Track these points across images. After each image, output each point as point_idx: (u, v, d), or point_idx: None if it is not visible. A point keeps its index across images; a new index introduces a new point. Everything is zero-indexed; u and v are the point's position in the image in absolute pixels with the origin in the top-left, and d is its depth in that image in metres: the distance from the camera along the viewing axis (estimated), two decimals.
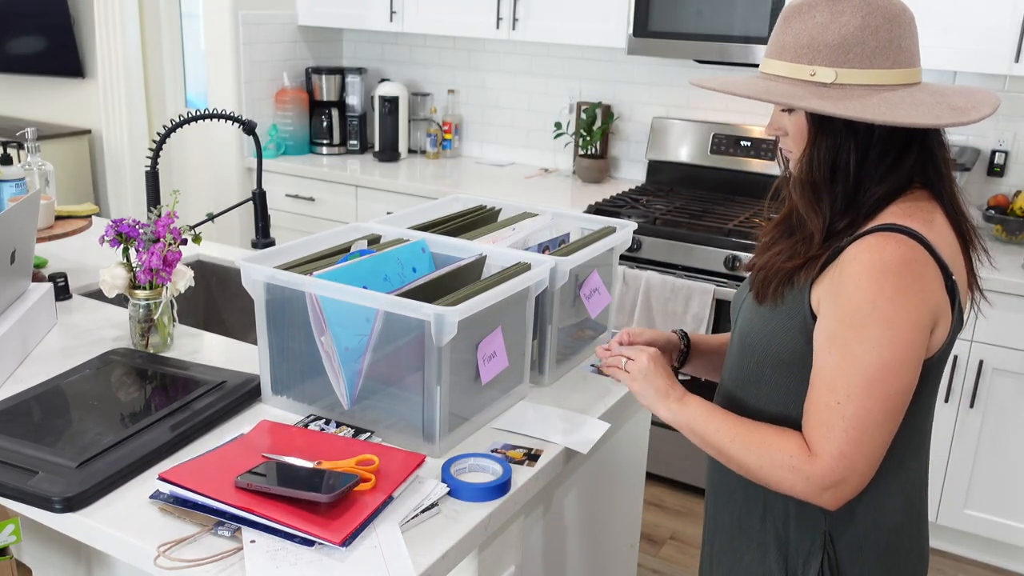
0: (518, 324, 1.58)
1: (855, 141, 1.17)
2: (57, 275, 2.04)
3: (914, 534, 1.29)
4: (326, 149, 4.09)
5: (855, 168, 1.18)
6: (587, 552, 1.79)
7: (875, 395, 1.11)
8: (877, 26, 1.13)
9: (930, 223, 1.16)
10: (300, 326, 1.49)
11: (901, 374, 1.12)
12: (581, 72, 3.78)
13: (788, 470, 1.16)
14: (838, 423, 1.13)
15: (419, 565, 1.17)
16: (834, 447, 1.13)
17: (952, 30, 2.75)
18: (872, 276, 1.11)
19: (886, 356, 1.11)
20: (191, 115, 2.10)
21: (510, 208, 1.98)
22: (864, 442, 1.13)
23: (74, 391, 1.57)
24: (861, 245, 1.14)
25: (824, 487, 1.14)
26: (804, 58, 1.16)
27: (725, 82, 1.22)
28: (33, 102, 5.12)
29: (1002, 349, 2.65)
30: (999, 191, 3.09)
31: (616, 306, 2.74)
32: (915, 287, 1.11)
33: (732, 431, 1.23)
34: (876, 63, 1.14)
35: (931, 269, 1.13)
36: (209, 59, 3.91)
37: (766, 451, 1.19)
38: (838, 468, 1.13)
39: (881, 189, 1.18)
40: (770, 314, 1.24)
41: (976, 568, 2.88)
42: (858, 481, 1.14)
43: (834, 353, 1.14)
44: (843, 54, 1.14)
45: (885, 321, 1.10)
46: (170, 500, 1.26)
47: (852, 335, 1.12)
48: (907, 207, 1.17)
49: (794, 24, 1.17)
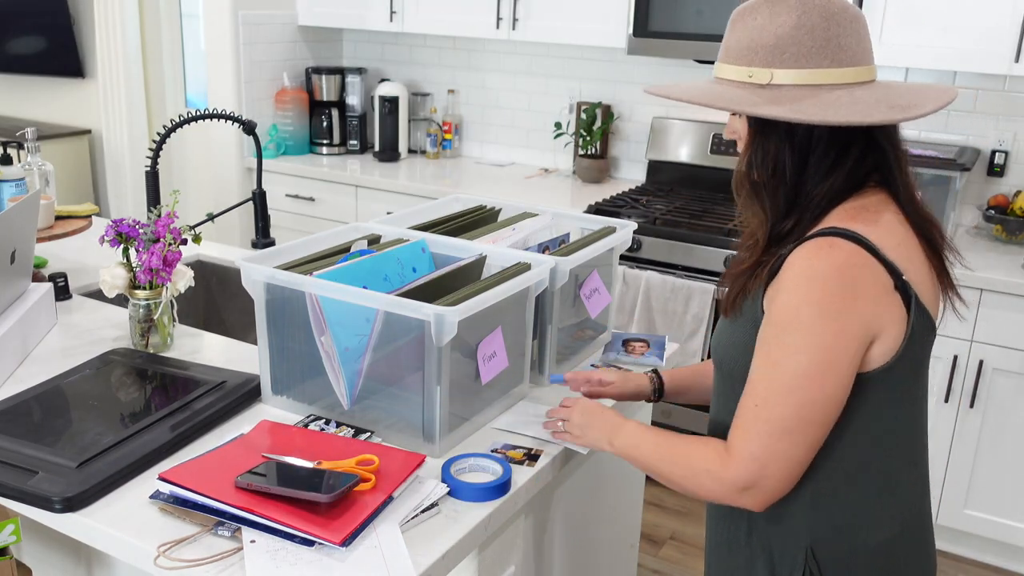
0: (518, 324, 1.58)
1: (792, 142, 1.16)
2: (57, 275, 2.04)
3: (914, 549, 1.25)
4: (326, 149, 4.09)
5: (794, 169, 1.17)
6: (587, 552, 1.79)
7: (791, 402, 1.11)
8: (813, 25, 1.13)
9: (875, 223, 1.14)
10: (300, 326, 1.49)
11: (821, 382, 1.11)
12: (581, 72, 3.78)
13: (705, 475, 1.18)
14: (753, 426, 1.14)
15: (419, 565, 1.17)
16: (746, 450, 1.14)
17: (952, 30, 2.75)
18: (800, 283, 1.11)
19: (804, 363, 1.10)
20: (191, 115, 2.10)
21: (510, 208, 1.98)
22: (777, 448, 1.12)
23: (74, 391, 1.57)
24: (799, 251, 1.13)
25: (739, 488, 1.15)
26: (743, 60, 1.17)
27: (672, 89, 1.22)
28: (33, 102, 5.12)
29: (1002, 349, 2.65)
30: (999, 191, 3.09)
31: (616, 306, 2.74)
32: (844, 294, 1.10)
33: (659, 449, 1.26)
34: (812, 63, 1.13)
35: (870, 274, 1.11)
36: (209, 59, 3.91)
37: (686, 460, 1.21)
38: (750, 470, 1.14)
39: (823, 189, 1.17)
40: (732, 326, 1.24)
41: (976, 568, 2.88)
42: (774, 485, 1.14)
43: (760, 357, 1.15)
44: (779, 54, 1.14)
45: (807, 328, 1.10)
46: (170, 500, 1.26)
47: (775, 341, 1.13)
48: (853, 208, 1.16)
49: (737, 27, 1.18)
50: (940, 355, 2.71)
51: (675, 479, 1.23)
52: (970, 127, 3.11)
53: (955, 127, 3.14)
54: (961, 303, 1.26)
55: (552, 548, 1.62)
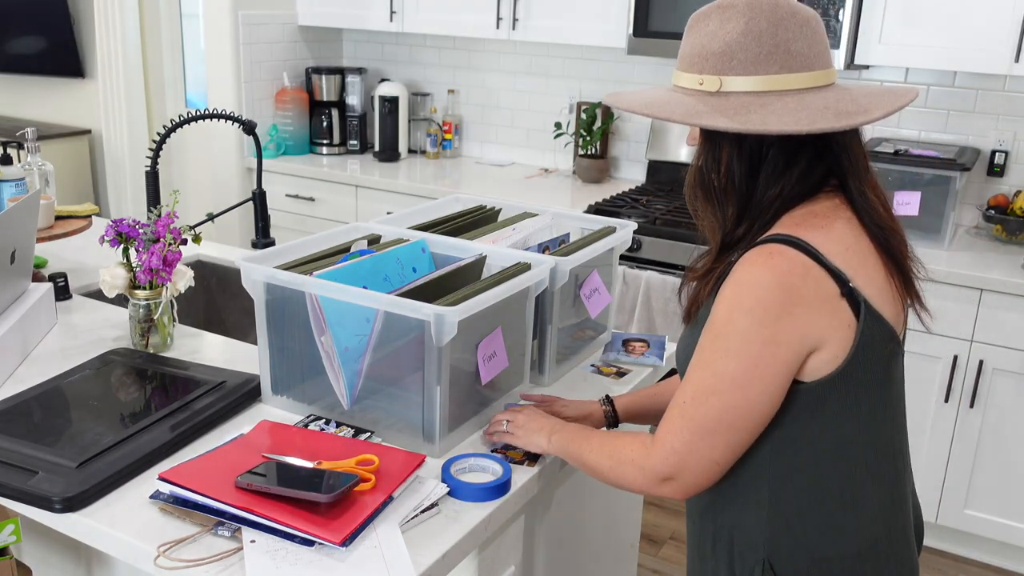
0: (518, 324, 1.58)
1: (739, 150, 1.16)
2: (57, 275, 2.04)
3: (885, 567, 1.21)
4: (326, 149, 4.09)
5: (744, 176, 1.17)
6: (587, 552, 1.79)
7: (713, 403, 1.12)
8: (760, 31, 1.12)
9: (822, 228, 1.13)
10: (300, 326, 1.49)
11: (746, 388, 1.11)
12: (581, 72, 3.78)
13: (629, 463, 1.21)
14: (678, 420, 1.16)
15: (419, 565, 1.17)
16: (669, 443, 1.16)
17: (952, 30, 2.75)
18: (738, 289, 1.11)
19: (731, 368, 1.11)
20: (191, 115, 2.10)
21: (510, 208, 1.98)
22: (696, 446, 1.14)
23: (74, 391, 1.57)
24: (743, 259, 1.13)
25: (659, 477, 1.18)
26: (694, 68, 1.16)
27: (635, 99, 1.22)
28: (33, 102, 5.12)
29: (1002, 349, 2.65)
30: (999, 191, 3.09)
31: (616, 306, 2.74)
32: (781, 303, 1.09)
33: (592, 444, 1.29)
34: (761, 69, 1.13)
35: (812, 281, 1.10)
36: (209, 59, 3.91)
37: (614, 451, 1.24)
38: (668, 461, 1.16)
39: (772, 195, 1.16)
40: (691, 334, 1.24)
41: (976, 568, 2.89)
42: (692, 480, 1.16)
43: (695, 357, 1.17)
44: (727, 61, 1.13)
45: (737, 334, 1.10)
46: (170, 500, 1.26)
47: (708, 343, 1.14)
48: (802, 215, 1.15)
49: (692, 35, 1.18)
50: (940, 355, 2.71)
51: (603, 470, 1.25)
52: (970, 127, 3.11)
53: (955, 127, 3.14)
54: (927, 314, 1.23)
55: (552, 548, 1.62)
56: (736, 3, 1.14)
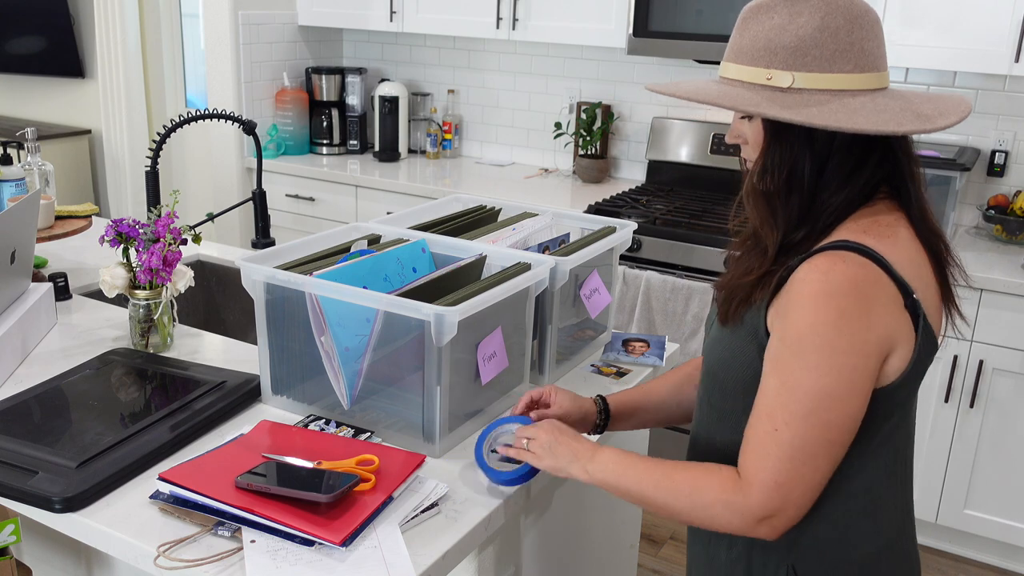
0: (518, 324, 1.58)
1: (812, 150, 1.11)
2: (57, 275, 2.04)
3: (896, 565, 1.22)
4: (326, 149, 4.09)
5: (811, 178, 1.12)
6: (587, 552, 1.79)
7: (814, 423, 1.06)
8: (837, 28, 1.08)
9: (888, 238, 1.10)
10: (300, 326, 1.49)
11: (844, 402, 1.06)
12: (581, 72, 3.78)
13: (721, 506, 1.10)
14: (774, 451, 1.07)
15: (419, 565, 1.17)
16: (769, 476, 1.07)
17: (952, 30, 2.75)
18: (816, 299, 1.06)
19: (826, 383, 1.05)
20: (191, 115, 2.10)
21: (510, 208, 1.98)
22: (801, 472, 1.07)
23: (74, 391, 1.56)
24: (810, 265, 1.08)
25: (759, 518, 1.09)
26: (760, 61, 1.11)
27: (680, 87, 1.16)
28: (33, 102, 5.12)
29: (1002, 349, 2.65)
30: (999, 191, 3.09)
31: (616, 306, 2.74)
32: (861, 311, 1.05)
33: (654, 477, 1.17)
34: (836, 67, 1.08)
35: (884, 290, 1.07)
36: (209, 59, 3.91)
37: (694, 491, 1.13)
38: (773, 498, 1.07)
39: (838, 199, 1.12)
40: (731, 336, 1.19)
41: (976, 568, 2.88)
42: (794, 512, 1.09)
43: (775, 377, 1.09)
44: (800, 57, 1.08)
45: (827, 347, 1.05)
46: (170, 500, 1.26)
47: (793, 360, 1.07)
48: (866, 221, 1.12)
49: (751, 26, 1.12)
50: (940, 355, 2.71)
51: (679, 510, 1.15)
52: (970, 127, 3.11)
53: (955, 127, 3.14)
54: (962, 320, 1.22)
55: (552, 548, 1.62)
56: None
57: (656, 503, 1.16)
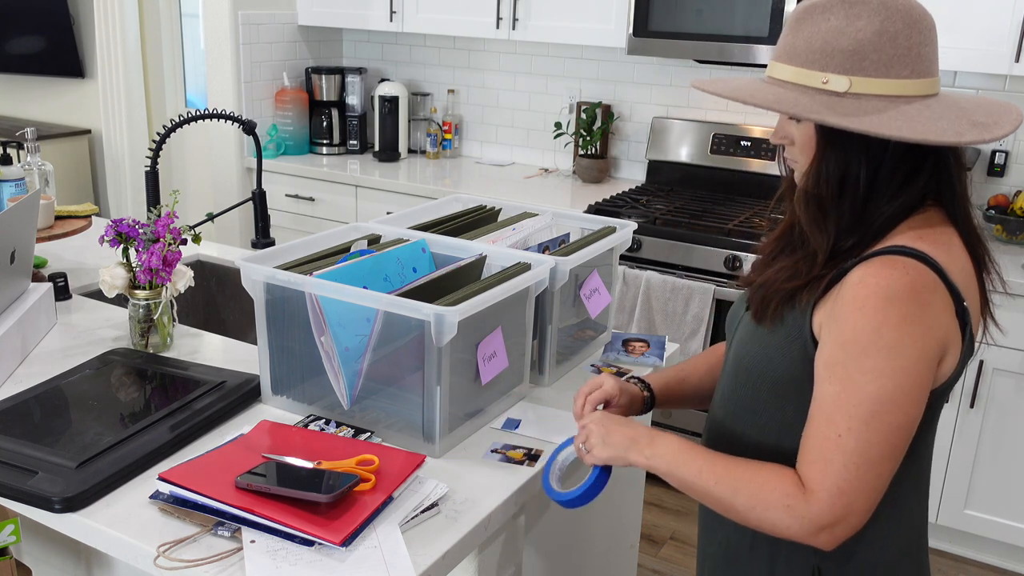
0: (518, 324, 1.58)
1: (867, 156, 1.10)
2: (57, 275, 2.04)
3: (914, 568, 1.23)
4: (326, 149, 4.09)
5: (865, 185, 1.11)
6: (587, 552, 1.78)
7: (877, 428, 1.04)
8: (896, 32, 1.06)
9: (943, 245, 1.10)
10: (300, 326, 1.49)
11: (905, 407, 1.05)
12: (581, 72, 3.78)
13: (783, 510, 1.07)
14: (838, 458, 1.05)
15: (419, 565, 1.16)
16: (833, 483, 1.05)
17: (952, 30, 2.75)
18: (877, 302, 1.04)
19: (889, 387, 1.04)
20: (191, 115, 2.10)
21: (510, 208, 1.98)
22: (865, 478, 1.05)
23: (74, 391, 1.56)
24: (867, 268, 1.07)
25: (821, 527, 1.06)
26: (816, 64, 1.08)
27: (728, 86, 1.15)
28: (33, 102, 5.12)
29: (1002, 349, 2.65)
30: (999, 191, 3.09)
31: (616, 306, 2.74)
32: (922, 315, 1.04)
33: (716, 471, 1.14)
34: (894, 72, 1.07)
35: (940, 296, 1.06)
36: (209, 59, 3.91)
37: (757, 491, 1.10)
38: (836, 506, 1.05)
39: (891, 207, 1.11)
40: (768, 336, 1.18)
41: (976, 568, 2.88)
42: (857, 520, 1.07)
43: (834, 383, 1.07)
44: (858, 61, 1.06)
45: (889, 350, 1.03)
46: (170, 500, 1.26)
47: (854, 364, 1.05)
48: (919, 228, 1.11)
49: (806, 27, 1.10)
50: None
51: (735, 507, 1.12)
52: None
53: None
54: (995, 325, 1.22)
55: (552, 548, 1.62)
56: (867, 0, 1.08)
57: (714, 497, 1.14)
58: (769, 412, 1.19)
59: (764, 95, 1.11)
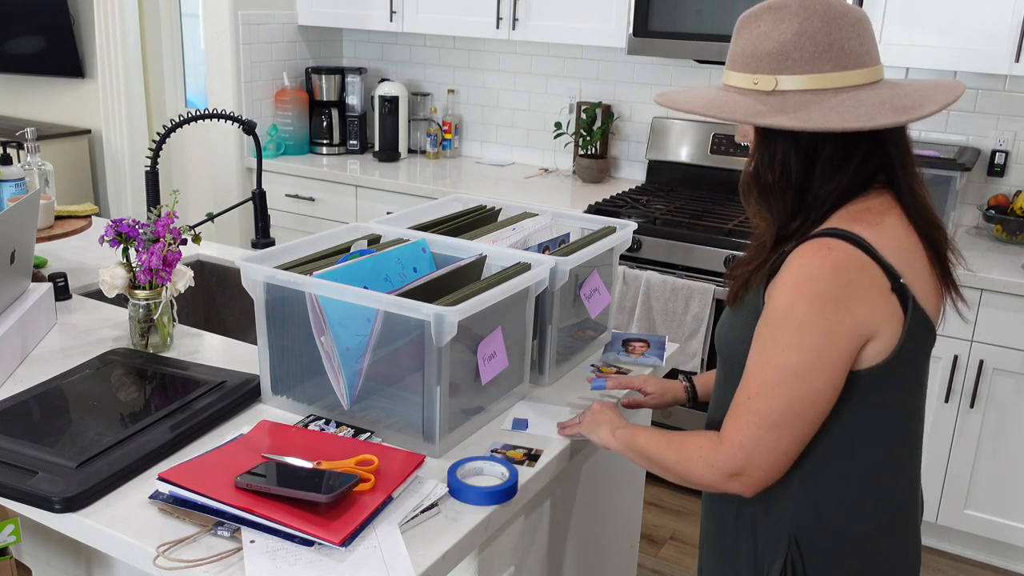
0: (518, 324, 1.58)
1: (797, 145, 1.18)
2: (57, 275, 2.04)
3: (898, 544, 1.28)
4: (326, 149, 4.09)
5: (799, 172, 1.19)
6: (587, 552, 1.79)
7: (779, 395, 1.15)
8: (815, 31, 1.14)
9: (876, 225, 1.16)
10: (300, 326, 1.49)
11: (808, 379, 1.14)
12: (581, 72, 3.78)
13: (697, 460, 1.23)
14: (744, 416, 1.18)
15: (419, 565, 1.17)
16: (736, 439, 1.18)
17: (952, 30, 2.75)
18: (796, 282, 1.13)
19: (794, 360, 1.13)
20: (191, 115, 2.10)
21: (510, 208, 1.98)
22: (764, 439, 1.16)
23: (74, 391, 1.56)
24: (797, 251, 1.15)
25: (728, 473, 1.20)
26: (749, 67, 1.19)
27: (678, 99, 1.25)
28: (33, 102, 5.12)
29: (1002, 349, 2.65)
30: (999, 191, 3.09)
31: (616, 306, 2.74)
32: (838, 296, 1.12)
33: (656, 440, 1.31)
34: (815, 68, 1.15)
35: (867, 275, 1.13)
36: (209, 59, 3.91)
37: (681, 447, 1.26)
38: (737, 456, 1.18)
39: (827, 190, 1.19)
40: (735, 319, 1.28)
41: (976, 568, 2.88)
42: (761, 474, 1.19)
43: (755, 351, 1.19)
44: (781, 61, 1.16)
45: (798, 326, 1.13)
46: (170, 500, 1.26)
47: (769, 336, 1.16)
48: (856, 209, 1.18)
49: (742, 35, 1.20)
50: (940, 355, 2.71)
51: (668, 465, 1.28)
52: (970, 127, 3.11)
53: (955, 127, 3.14)
54: (963, 304, 1.28)
55: (552, 548, 1.62)
56: (788, 3, 1.17)
57: (655, 459, 1.31)
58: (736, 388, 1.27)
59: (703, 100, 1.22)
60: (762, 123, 1.15)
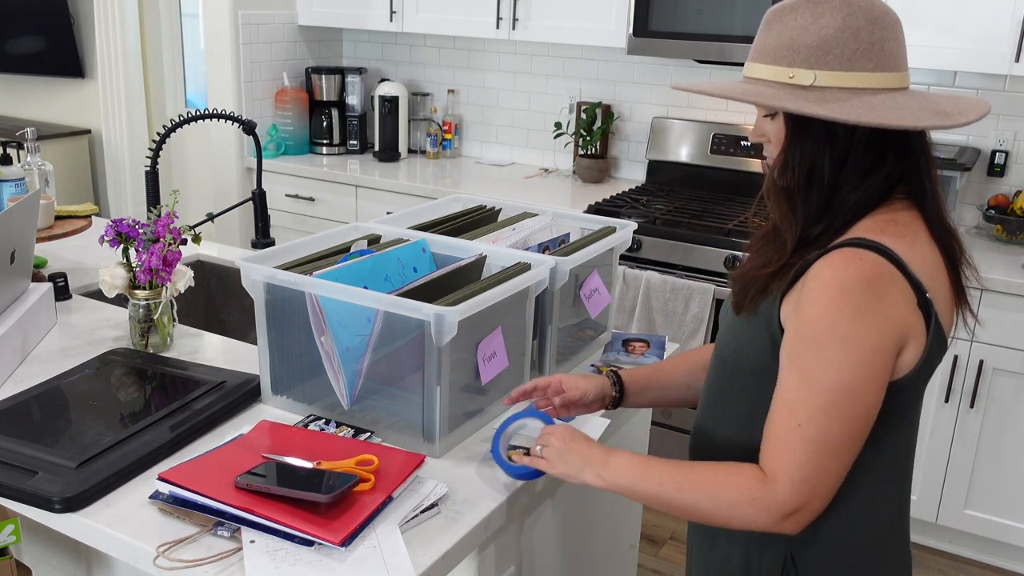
0: (518, 324, 1.58)
1: (832, 146, 1.14)
2: (57, 275, 2.04)
3: (889, 553, 1.25)
4: (326, 149, 4.09)
5: (831, 174, 1.14)
6: (587, 552, 1.78)
7: (835, 417, 1.08)
8: (858, 28, 1.11)
9: (905, 237, 1.12)
10: (300, 326, 1.49)
11: (862, 396, 1.08)
12: (581, 72, 3.78)
13: (748, 505, 1.11)
14: (799, 447, 1.08)
15: (419, 565, 1.17)
16: (796, 472, 1.09)
17: (952, 30, 2.75)
18: (832, 295, 1.08)
19: (846, 378, 1.07)
20: (191, 115, 2.10)
21: (510, 208, 1.98)
22: (825, 466, 1.09)
23: (74, 391, 1.56)
24: (826, 261, 1.11)
25: (786, 514, 1.10)
26: (783, 60, 1.14)
27: (703, 85, 1.20)
28: (33, 102, 5.12)
29: (1002, 349, 2.65)
30: (999, 191, 3.09)
31: (616, 306, 2.74)
32: (876, 307, 1.07)
33: (676, 480, 1.16)
34: (857, 66, 1.11)
35: (898, 287, 1.09)
36: (209, 59, 3.91)
37: (719, 490, 1.13)
38: (800, 493, 1.09)
39: (857, 195, 1.14)
40: (744, 325, 1.22)
41: (976, 568, 2.88)
42: (819, 505, 1.11)
43: (795, 373, 1.10)
44: (822, 56, 1.11)
45: (844, 341, 1.07)
46: (170, 500, 1.26)
47: (812, 355, 1.09)
48: (883, 219, 1.14)
49: (775, 27, 1.15)
50: None
51: (702, 509, 1.14)
52: (970, 127, 3.11)
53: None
54: (973, 318, 1.24)
55: (552, 548, 1.62)
56: None
57: (678, 505, 1.16)
58: (740, 399, 1.23)
59: (734, 90, 1.16)
60: (809, 112, 1.09)
